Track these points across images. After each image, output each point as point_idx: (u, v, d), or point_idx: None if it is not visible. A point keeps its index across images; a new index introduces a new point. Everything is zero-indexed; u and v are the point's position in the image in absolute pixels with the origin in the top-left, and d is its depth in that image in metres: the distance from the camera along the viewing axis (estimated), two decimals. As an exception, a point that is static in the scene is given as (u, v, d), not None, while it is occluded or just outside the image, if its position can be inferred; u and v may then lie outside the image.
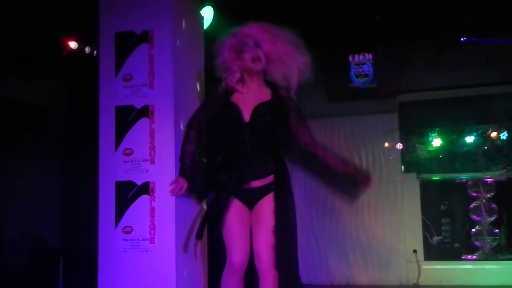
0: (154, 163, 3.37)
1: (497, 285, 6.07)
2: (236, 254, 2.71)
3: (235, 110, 2.79)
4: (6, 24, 5.23)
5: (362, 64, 6.47)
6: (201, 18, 4.07)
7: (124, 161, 3.42)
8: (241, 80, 2.82)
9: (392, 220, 6.61)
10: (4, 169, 7.34)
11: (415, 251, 6.47)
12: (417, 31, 5.98)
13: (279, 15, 5.52)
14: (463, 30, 5.88)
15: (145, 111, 3.42)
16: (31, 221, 7.09)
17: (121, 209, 3.36)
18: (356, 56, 6.47)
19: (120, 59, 3.50)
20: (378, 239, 6.62)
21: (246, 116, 2.80)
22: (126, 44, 3.50)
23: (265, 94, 2.90)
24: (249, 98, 2.84)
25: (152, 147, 3.39)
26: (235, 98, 2.81)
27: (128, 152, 3.43)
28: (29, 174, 7.24)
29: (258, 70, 2.81)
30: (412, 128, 7.27)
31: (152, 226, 3.29)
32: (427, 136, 7.40)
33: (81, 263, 5.20)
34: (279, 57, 2.87)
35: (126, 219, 3.33)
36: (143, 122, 3.42)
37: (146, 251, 3.26)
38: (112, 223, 3.36)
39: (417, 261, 6.43)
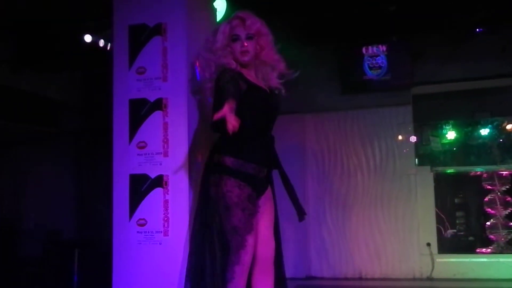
0: (167, 156, 3.38)
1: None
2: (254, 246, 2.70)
3: (264, 92, 2.83)
4: (22, 18, 5.27)
5: (375, 56, 6.42)
6: (214, 10, 4.06)
7: (138, 154, 3.42)
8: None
9: (405, 213, 6.59)
10: (20, 163, 7.43)
11: (428, 244, 6.44)
12: (431, 22, 5.92)
13: (291, 7, 5.52)
14: (478, 21, 5.81)
15: (158, 104, 3.42)
16: (47, 214, 7.18)
17: (135, 201, 3.38)
18: (370, 48, 6.42)
19: (134, 52, 3.50)
20: (392, 232, 6.60)
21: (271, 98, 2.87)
22: (140, 37, 3.50)
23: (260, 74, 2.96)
24: (260, 82, 2.88)
25: (165, 140, 3.40)
26: (252, 79, 2.83)
27: (142, 145, 3.44)
28: (44, 168, 7.33)
29: (244, 62, 2.82)
30: (426, 121, 7.23)
31: (166, 218, 3.30)
32: (441, 128, 7.35)
33: (95, 255, 5.26)
34: (266, 57, 2.91)
35: (140, 212, 3.35)
36: (157, 115, 3.42)
37: (160, 243, 3.27)
38: (126, 215, 3.37)
39: (431, 254, 6.40)
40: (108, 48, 5.25)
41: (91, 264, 5.37)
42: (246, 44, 2.78)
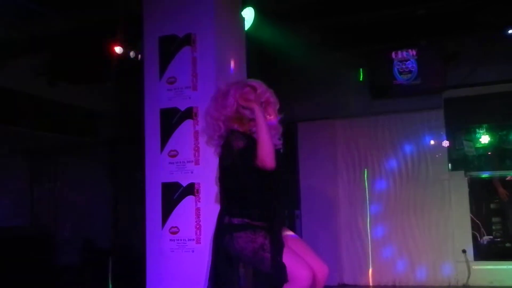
0: (198, 164, 3.42)
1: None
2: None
3: None
4: (56, 32, 5.43)
5: (405, 60, 6.35)
6: (242, 20, 4.10)
7: (170, 163, 3.48)
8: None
9: (439, 219, 6.47)
10: (57, 172, 7.61)
11: (464, 251, 6.30)
12: (462, 24, 5.82)
13: (320, 13, 5.53)
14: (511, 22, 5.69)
15: (189, 113, 3.47)
16: (82, 222, 7.32)
17: (167, 210, 3.43)
18: (400, 52, 6.36)
19: (164, 62, 3.57)
20: (426, 239, 6.49)
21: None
22: (170, 47, 3.56)
23: None
24: None
25: (196, 148, 3.44)
26: None
27: (173, 154, 3.49)
28: (80, 176, 7.49)
29: (251, 131, 2.83)
30: (459, 125, 7.10)
31: (198, 226, 3.33)
32: (475, 132, 7.21)
33: (129, 263, 5.33)
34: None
35: (172, 220, 3.40)
36: (187, 123, 3.47)
37: (193, 251, 3.31)
38: (159, 223, 3.42)
39: (467, 261, 6.26)
40: (139, 58, 5.35)
41: (125, 271, 5.45)
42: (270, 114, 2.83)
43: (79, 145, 7.22)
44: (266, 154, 2.62)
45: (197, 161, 3.42)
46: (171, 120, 3.51)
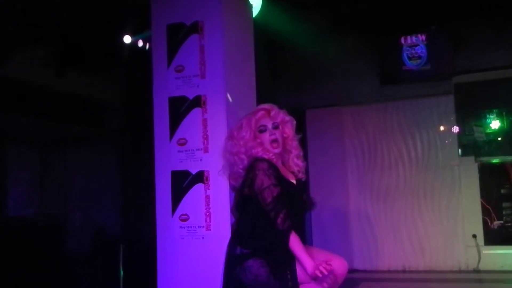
0: (207, 152, 3.42)
1: None
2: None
3: (293, 186, 2.83)
4: (63, 22, 5.43)
5: (415, 45, 6.30)
6: (250, 7, 4.08)
7: (179, 151, 3.48)
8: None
9: (449, 205, 6.46)
10: (66, 162, 7.67)
11: (474, 236, 6.30)
12: (473, 8, 5.76)
13: (327, 0, 5.49)
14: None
15: (197, 101, 3.47)
16: (92, 211, 7.39)
17: (177, 197, 3.44)
18: (409, 37, 6.31)
19: (172, 50, 3.56)
20: (436, 224, 6.49)
21: (294, 181, 2.88)
22: (177, 35, 3.55)
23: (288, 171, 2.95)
24: (288, 173, 2.89)
25: (205, 136, 3.44)
26: (282, 172, 2.85)
27: (182, 142, 3.49)
28: (89, 166, 7.54)
29: (276, 152, 2.83)
30: (469, 110, 7.03)
31: (207, 213, 3.34)
32: (485, 118, 7.14)
33: (140, 250, 5.38)
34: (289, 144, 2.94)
35: (182, 207, 3.41)
36: (196, 112, 3.47)
37: (203, 238, 3.32)
38: (169, 211, 3.44)
39: (477, 246, 6.26)
40: (147, 47, 5.35)
41: (136, 259, 5.49)
42: (274, 133, 2.82)
43: (88, 135, 7.26)
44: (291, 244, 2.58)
45: (206, 149, 3.42)
46: (180, 108, 3.51)
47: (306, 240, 6.77)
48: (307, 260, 2.57)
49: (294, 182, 2.88)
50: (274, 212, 2.62)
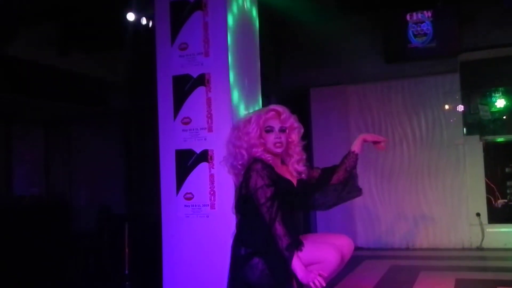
0: (211, 131, 3.42)
1: None
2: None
3: (290, 184, 2.83)
4: (67, 0, 5.39)
5: (420, 22, 6.23)
6: (253, -16, 4.03)
7: (183, 130, 3.48)
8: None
9: (454, 183, 6.47)
10: (71, 141, 7.69)
11: (478, 214, 6.32)
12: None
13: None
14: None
15: (201, 80, 3.45)
16: (98, 190, 7.43)
17: (181, 176, 3.45)
18: (414, 14, 6.23)
19: (176, 28, 3.53)
20: (440, 203, 6.51)
21: (294, 181, 2.86)
22: (181, 12, 3.52)
23: (287, 169, 2.93)
24: (287, 172, 2.88)
25: (209, 115, 3.44)
26: (280, 170, 2.85)
27: (187, 121, 3.49)
28: (94, 145, 7.56)
29: (277, 152, 2.83)
30: (475, 89, 7.00)
31: (212, 192, 3.36)
32: (491, 96, 7.11)
33: (145, 228, 5.42)
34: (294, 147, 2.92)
35: (187, 186, 3.42)
36: (200, 90, 3.46)
37: (207, 216, 3.34)
38: (173, 190, 3.45)
39: (481, 224, 6.29)
40: (150, 25, 5.31)
41: (141, 237, 5.54)
42: (280, 137, 2.80)
43: (93, 114, 7.26)
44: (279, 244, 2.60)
45: (210, 128, 3.42)
46: (184, 87, 3.49)
47: (310, 220, 6.81)
48: (299, 268, 2.59)
49: (294, 181, 2.88)
50: (269, 214, 2.64)
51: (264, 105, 3.97)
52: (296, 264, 2.58)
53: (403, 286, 4.33)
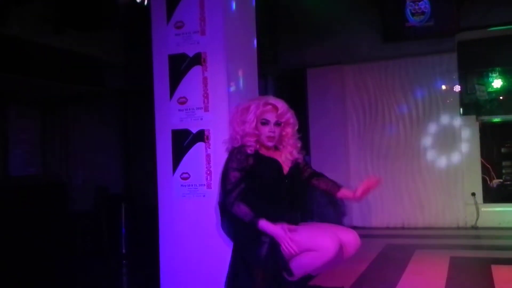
0: (208, 111, 3.40)
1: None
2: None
3: (276, 163, 2.86)
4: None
5: (418, 1, 6.17)
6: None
7: (179, 110, 3.46)
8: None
9: (449, 163, 6.50)
10: (68, 121, 7.66)
11: (473, 194, 6.36)
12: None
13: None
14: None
15: (197, 59, 3.42)
16: (94, 170, 7.43)
17: (178, 156, 3.44)
18: (412, -8, 6.18)
19: (171, 6, 3.48)
20: (435, 183, 6.55)
21: (285, 169, 2.88)
22: (176, -10, 3.47)
23: (281, 156, 2.95)
24: (278, 156, 2.92)
25: (205, 94, 3.42)
26: (268, 153, 2.89)
27: (183, 101, 3.47)
28: (91, 126, 7.53)
29: (268, 146, 2.89)
30: (472, 69, 6.99)
31: (208, 172, 3.36)
32: (488, 76, 7.10)
33: (142, 208, 5.44)
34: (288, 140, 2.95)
35: (183, 166, 3.42)
36: (196, 70, 3.43)
37: (204, 196, 3.34)
38: (170, 170, 3.45)
39: (476, 203, 6.33)
40: (146, 3, 5.25)
41: (138, 217, 5.57)
42: (274, 131, 2.86)
43: (89, 94, 7.22)
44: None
45: (206, 108, 3.40)
46: (180, 66, 3.46)
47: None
48: (267, 226, 2.64)
49: (286, 166, 2.90)
50: (222, 188, 2.76)
51: (261, 85, 3.96)
52: (263, 224, 2.63)
53: (398, 264, 4.38)
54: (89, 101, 7.49)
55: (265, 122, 2.85)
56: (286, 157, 2.92)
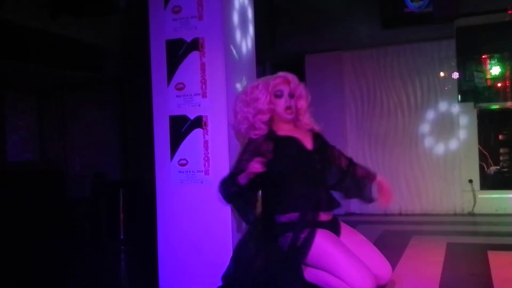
0: (206, 97, 3.38)
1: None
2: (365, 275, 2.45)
3: (294, 140, 2.77)
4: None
5: (417, -14, 6.13)
6: None
7: (177, 96, 3.44)
8: (269, 121, 2.82)
9: (447, 150, 6.51)
10: (65, 108, 7.64)
11: (470, 180, 6.39)
12: None
13: None
14: None
15: (195, 44, 3.39)
16: (92, 157, 7.43)
17: (175, 143, 3.43)
18: (411, -23, 6.14)
19: (168, -10, 3.45)
20: (433, 170, 6.56)
21: (308, 145, 2.80)
22: (174, -25, 3.44)
23: (301, 133, 2.88)
24: (298, 133, 2.84)
25: (203, 81, 3.39)
26: (285, 132, 2.81)
27: (180, 87, 3.45)
28: (89, 112, 7.52)
29: (288, 119, 2.82)
30: (470, 55, 6.95)
31: (206, 158, 3.35)
32: (486, 63, 7.07)
33: (140, 195, 5.45)
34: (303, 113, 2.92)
35: (181, 152, 3.41)
36: (194, 55, 3.40)
37: (202, 182, 3.34)
38: (167, 156, 3.44)
39: (473, 190, 6.36)
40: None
41: (135, 203, 5.57)
42: (290, 101, 2.79)
43: (87, 81, 7.19)
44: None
45: (204, 94, 3.38)
46: (177, 52, 3.43)
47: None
48: (241, 175, 2.59)
49: (309, 144, 2.82)
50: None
51: (258, 71, 3.94)
52: (240, 177, 2.58)
53: (396, 249, 4.40)
54: (87, 88, 7.47)
55: (280, 95, 2.78)
56: (305, 132, 2.86)
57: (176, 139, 3.44)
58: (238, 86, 3.49)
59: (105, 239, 5.82)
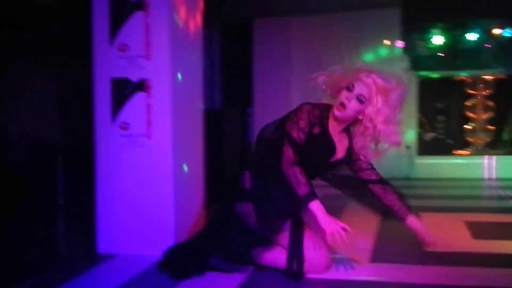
0: (150, 59, 3.30)
1: (487, 178, 6.30)
2: None
3: (330, 150, 2.69)
4: None
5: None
6: None
7: (120, 57, 3.34)
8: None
9: (387, 117, 6.67)
10: (1, 70, 7.26)
11: (408, 147, 6.59)
12: None
13: None
14: None
15: (139, 4, 3.28)
16: (30, 121, 7.14)
17: (117, 106, 3.34)
18: None
19: None
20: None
21: (340, 153, 2.74)
22: None
23: (345, 141, 2.79)
24: (338, 137, 2.74)
25: (147, 42, 3.30)
26: (333, 131, 2.70)
27: (123, 48, 3.34)
28: (27, 74, 7.17)
29: (334, 115, 2.65)
30: (415, 24, 7.08)
31: (149, 122, 3.29)
32: (429, 32, 7.22)
33: (79, 159, 5.31)
34: (372, 128, 2.70)
35: (122, 116, 3.33)
36: (138, 16, 3.29)
37: (143, 146, 3.29)
38: (108, 120, 3.35)
39: (410, 156, 6.58)
40: None
41: (75, 168, 5.44)
42: (351, 101, 2.56)
43: (25, 41, 6.84)
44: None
45: (148, 56, 3.30)
46: (121, 12, 3.31)
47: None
48: (319, 210, 2.60)
49: (341, 153, 2.77)
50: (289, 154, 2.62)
51: (205, 36, 3.86)
52: (315, 207, 2.55)
53: (331, 213, 4.51)
54: (24, 48, 7.11)
55: (349, 89, 2.59)
56: (347, 136, 2.73)
57: (118, 102, 3.36)
58: (182, 50, 3.42)
59: (43, 204, 5.67)
